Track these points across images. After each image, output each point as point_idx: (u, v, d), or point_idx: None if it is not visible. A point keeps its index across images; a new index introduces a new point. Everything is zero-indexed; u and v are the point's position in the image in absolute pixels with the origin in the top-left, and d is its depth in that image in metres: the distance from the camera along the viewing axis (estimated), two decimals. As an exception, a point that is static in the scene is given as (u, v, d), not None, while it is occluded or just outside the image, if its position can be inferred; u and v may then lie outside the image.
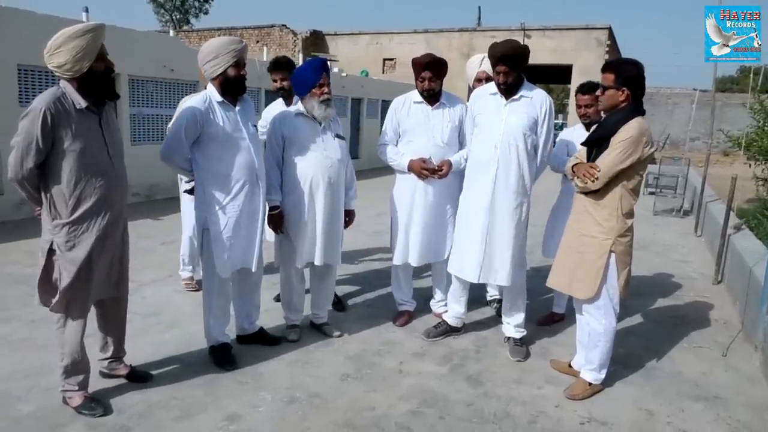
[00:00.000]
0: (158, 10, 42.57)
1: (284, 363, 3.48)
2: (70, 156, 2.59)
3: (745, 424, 3.03)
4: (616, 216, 3.05)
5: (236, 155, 3.23)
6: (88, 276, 2.74)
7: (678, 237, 7.98)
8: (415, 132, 3.91)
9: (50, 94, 2.59)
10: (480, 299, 4.58)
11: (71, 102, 2.61)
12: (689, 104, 26.60)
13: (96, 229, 2.71)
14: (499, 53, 3.41)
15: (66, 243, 2.67)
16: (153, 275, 5.12)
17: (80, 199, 2.66)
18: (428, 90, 3.84)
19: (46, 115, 2.51)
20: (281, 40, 24.86)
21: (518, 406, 3.10)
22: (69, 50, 2.55)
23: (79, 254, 2.68)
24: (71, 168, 2.61)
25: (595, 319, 3.19)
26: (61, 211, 2.66)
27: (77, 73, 2.59)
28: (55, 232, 2.68)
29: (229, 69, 3.19)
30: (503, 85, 3.50)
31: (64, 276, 2.69)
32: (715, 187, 9.18)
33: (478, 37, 23.50)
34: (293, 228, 3.60)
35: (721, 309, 4.88)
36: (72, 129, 2.58)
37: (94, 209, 2.69)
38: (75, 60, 2.56)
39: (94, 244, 2.71)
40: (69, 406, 2.85)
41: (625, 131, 2.95)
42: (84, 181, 2.65)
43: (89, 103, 2.65)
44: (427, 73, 3.81)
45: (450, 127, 3.89)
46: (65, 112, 2.57)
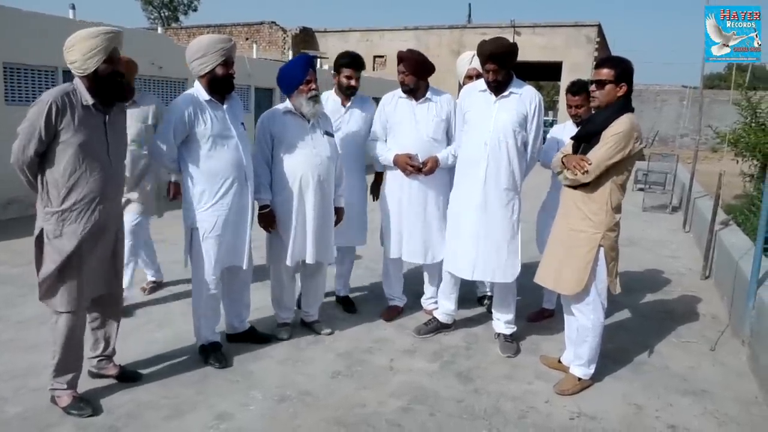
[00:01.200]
0: (146, 7, 42.29)
1: (275, 361, 3.48)
2: (70, 148, 2.66)
3: (732, 418, 3.06)
4: (605, 210, 3.07)
5: (224, 154, 3.22)
6: (75, 268, 2.74)
7: (667, 233, 8.04)
8: (401, 127, 3.92)
9: (61, 88, 2.70)
10: (470, 296, 4.59)
11: (79, 98, 2.69)
12: (678, 101, 26.77)
13: (85, 222, 2.73)
14: (488, 51, 3.42)
15: (54, 231, 2.71)
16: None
17: (72, 189, 2.69)
18: (403, 84, 3.87)
19: (51, 108, 2.59)
20: (271, 37, 24.78)
21: (508, 402, 3.11)
22: (80, 49, 2.66)
23: (65, 243, 2.71)
24: (68, 158, 2.67)
25: (584, 315, 3.21)
26: (53, 199, 2.71)
27: (86, 71, 2.68)
28: (46, 219, 2.72)
29: (217, 68, 3.18)
30: (493, 83, 3.50)
31: (47, 262, 2.73)
32: (703, 184, 9.25)
33: (468, 34, 23.54)
34: (283, 226, 3.59)
35: (709, 304, 4.92)
36: (75, 123, 2.66)
37: (85, 201, 2.72)
38: (84, 59, 2.66)
39: (84, 236, 2.73)
40: (57, 405, 2.83)
41: (617, 125, 2.97)
42: (79, 173, 2.69)
43: (97, 101, 2.72)
44: (401, 67, 3.84)
45: (436, 122, 3.89)
46: (71, 107, 2.66)
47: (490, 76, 3.48)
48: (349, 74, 3.96)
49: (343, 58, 3.98)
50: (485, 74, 3.52)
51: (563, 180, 3.19)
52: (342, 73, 3.97)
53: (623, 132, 2.95)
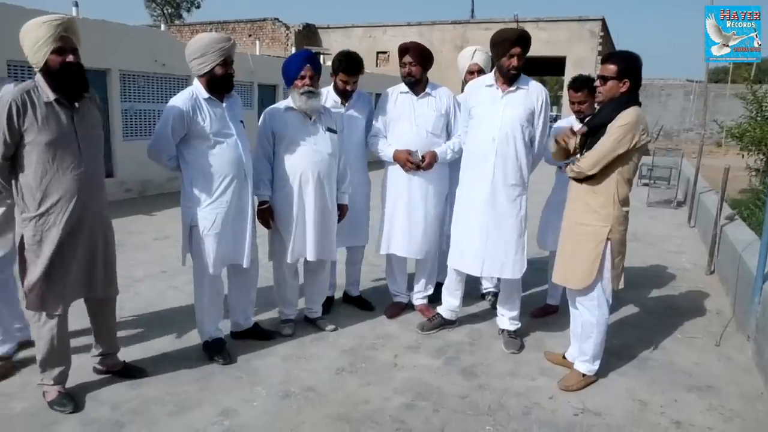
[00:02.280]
0: (149, 4, 42.33)
1: (279, 357, 3.48)
2: (36, 148, 2.57)
3: (737, 413, 3.05)
4: (612, 203, 3.06)
5: (224, 151, 3.21)
6: (60, 271, 2.70)
7: (671, 228, 8.01)
8: (401, 122, 3.91)
9: (21, 86, 2.59)
10: (474, 292, 4.58)
11: (41, 94, 2.59)
12: (683, 95, 26.64)
13: (63, 224, 2.66)
14: (517, 34, 3.38)
15: (33, 237, 2.65)
16: (146, 271, 5.10)
17: (47, 193, 2.62)
18: (408, 76, 3.84)
19: (11, 107, 2.50)
20: (274, 33, 24.74)
21: (512, 398, 3.11)
22: (28, 41, 2.55)
23: (45, 249, 2.65)
24: (37, 160, 2.58)
25: (588, 311, 3.20)
26: (29, 205, 2.64)
27: (37, 65, 2.58)
28: (24, 225, 2.67)
29: (216, 67, 3.15)
30: (514, 70, 3.43)
31: (30, 270, 2.67)
32: (708, 178, 9.21)
33: (471, 29, 23.47)
34: (283, 223, 3.60)
35: (714, 299, 4.90)
36: (38, 121, 2.56)
37: (62, 203, 2.65)
38: (33, 52, 2.55)
39: (62, 238, 2.67)
40: (45, 400, 2.84)
41: (623, 117, 2.96)
42: (50, 175, 2.61)
43: (60, 96, 2.61)
44: (407, 57, 3.82)
45: (435, 116, 3.88)
46: (32, 105, 2.55)
47: (515, 61, 3.39)
48: (345, 79, 3.86)
49: (340, 62, 3.85)
50: (508, 60, 3.40)
51: (569, 172, 3.18)
52: (338, 77, 3.91)
53: (629, 124, 2.94)
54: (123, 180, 8.94)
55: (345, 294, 4.46)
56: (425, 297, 4.25)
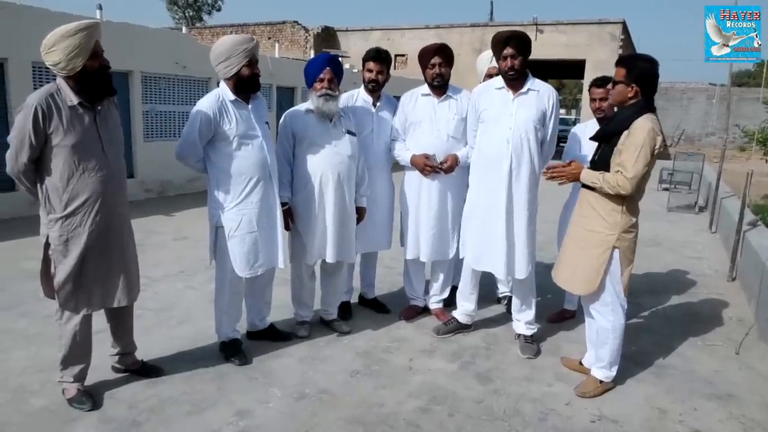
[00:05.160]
0: (171, 7, 42.81)
1: (294, 359, 3.50)
2: (62, 151, 2.62)
3: (758, 423, 2.99)
4: (620, 211, 3.02)
5: (249, 153, 3.23)
6: (85, 271, 2.75)
7: (692, 233, 7.90)
8: (421, 125, 3.89)
9: (44, 90, 2.63)
10: (491, 296, 4.56)
11: (64, 98, 2.63)
12: (704, 99, 26.24)
13: (89, 224, 2.72)
14: (506, 35, 3.43)
15: (60, 237, 2.70)
16: (165, 271, 5.16)
17: (73, 194, 2.67)
18: (439, 76, 3.82)
19: (37, 111, 2.55)
20: (293, 36, 24.89)
21: (528, 404, 3.09)
22: (62, 49, 2.56)
23: (72, 249, 2.71)
24: (63, 163, 2.63)
25: (603, 316, 3.17)
26: (56, 206, 2.69)
27: (72, 71, 2.61)
28: (50, 226, 2.71)
29: (242, 69, 3.19)
30: (510, 71, 3.45)
31: (59, 270, 2.73)
32: (730, 183, 9.06)
33: (490, 32, 23.30)
34: (303, 225, 3.61)
35: (735, 306, 4.82)
36: (63, 125, 2.61)
37: (88, 204, 2.70)
38: (68, 59, 2.57)
39: (89, 239, 2.72)
40: (64, 397, 2.88)
41: (638, 132, 2.90)
42: (77, 176, 2.66)
43: (83, 99, 2.66)
44: (437, 58, 3.80)
45: (457, 120, 3.85)
46: (57, 108, 2.60)
47: (508, 62, 3.43)
48: (371, 67, 3.90)
49: (367, 53, 3.95)
50: (502, 63, 3.47)
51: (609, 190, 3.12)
52: (365, 67, 3.95)
53: (646, 138, 2.87)
54: (143, 180, 9.06)
55: (360, 296, 4.47)
56: (441, 301, 4.24)
